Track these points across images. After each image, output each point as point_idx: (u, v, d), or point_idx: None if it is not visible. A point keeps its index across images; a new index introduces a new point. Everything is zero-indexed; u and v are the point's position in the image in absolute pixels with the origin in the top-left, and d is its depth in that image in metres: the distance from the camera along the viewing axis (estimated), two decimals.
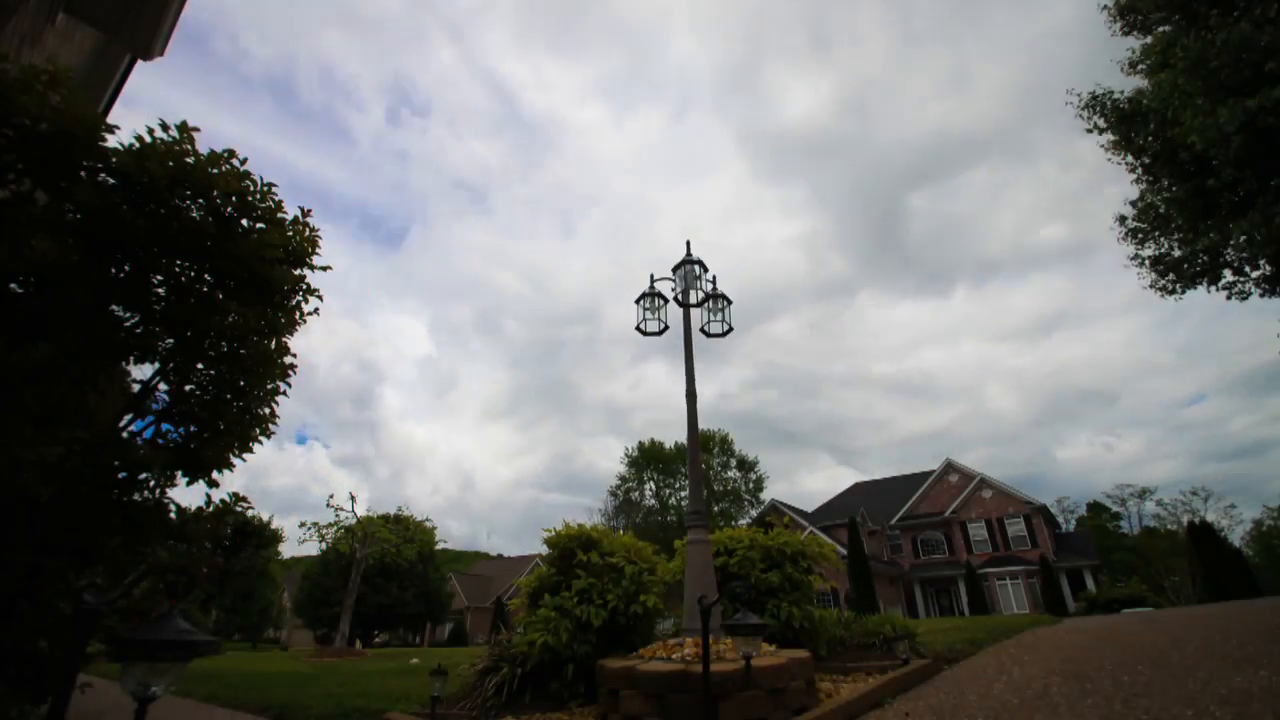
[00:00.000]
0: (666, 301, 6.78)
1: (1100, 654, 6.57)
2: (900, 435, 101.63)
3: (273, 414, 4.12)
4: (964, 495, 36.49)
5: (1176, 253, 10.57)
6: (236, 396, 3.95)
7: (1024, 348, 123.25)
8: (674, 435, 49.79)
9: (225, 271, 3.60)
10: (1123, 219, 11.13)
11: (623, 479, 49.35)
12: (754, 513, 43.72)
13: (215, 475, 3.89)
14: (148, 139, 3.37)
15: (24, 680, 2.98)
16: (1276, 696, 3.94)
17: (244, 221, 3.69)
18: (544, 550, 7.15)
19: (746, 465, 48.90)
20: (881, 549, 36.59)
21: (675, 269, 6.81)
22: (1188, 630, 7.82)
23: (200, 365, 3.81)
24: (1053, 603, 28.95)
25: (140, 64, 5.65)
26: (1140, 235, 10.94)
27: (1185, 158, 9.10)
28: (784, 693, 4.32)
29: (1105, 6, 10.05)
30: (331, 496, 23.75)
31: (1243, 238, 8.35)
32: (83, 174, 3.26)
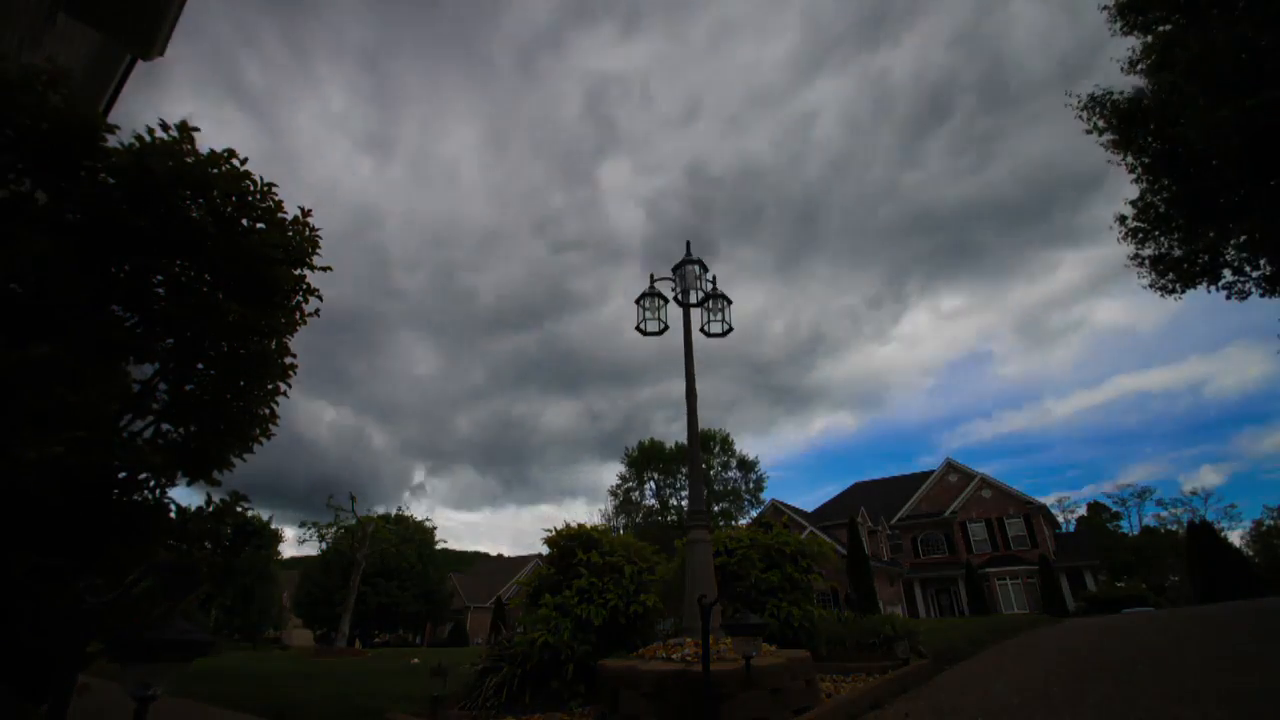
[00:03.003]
0: (666, 301, 6.75)
1: (1100, 654, 6.57)
2: None
3: (273, 414, 4.13)
4: (964, 495, 36.47)
5: (1176, 252, 10.58)
6: (237, 397, 3.95)
7: None
8: None
9: (225, 271, 3.60)
10: (1123, 219, 11.13)
11: (623, 479, 49.36)
12: (754, 512, 43.71)
13: (215, 475, 3.89)
14: (147, 139, 3.37)
15: (24, 680, 2.98)
16: (1276, 697, 3.93)
17: (244, 221, 3.69)
18: (544, 550, 7.16)
19: (747, 465, 48.90)
20: (881, 549, 36.53)
21: (675, 269, 6.78)
22: (1188, 630, 7.82)
23: (200, 365, 3.81)
24: (1053, 602, 28.91)
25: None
26: (1140, 235, 10.95)
27: (1185, 157, 9.11)
28: (784, 692, 4.32)
29: (1105, 6, 10.05)
30: (330, 497, 23.55)
31: (1243, 238, 8.36)
32: (82, 174, 3.26)
